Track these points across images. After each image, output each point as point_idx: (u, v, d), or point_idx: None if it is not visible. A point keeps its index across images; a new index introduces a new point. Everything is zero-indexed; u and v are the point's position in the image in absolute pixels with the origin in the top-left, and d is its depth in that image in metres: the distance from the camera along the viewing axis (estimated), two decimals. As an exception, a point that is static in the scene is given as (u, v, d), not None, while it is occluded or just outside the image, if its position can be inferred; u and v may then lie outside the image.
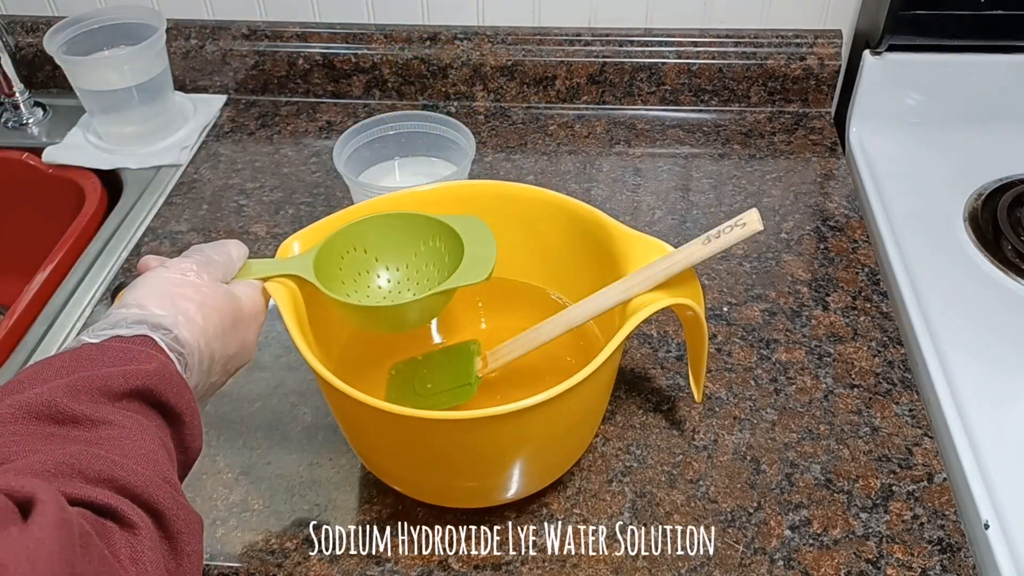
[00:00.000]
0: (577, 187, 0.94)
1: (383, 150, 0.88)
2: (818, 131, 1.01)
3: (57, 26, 0.96)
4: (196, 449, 0.48)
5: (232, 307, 0.54)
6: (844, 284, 0.81)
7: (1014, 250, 0.83)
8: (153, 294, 0.51)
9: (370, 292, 0.63)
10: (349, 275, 0.63)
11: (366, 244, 0.63)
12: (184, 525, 0.42)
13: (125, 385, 0.43)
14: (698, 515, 0.63)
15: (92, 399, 0.43)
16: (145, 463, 0.41)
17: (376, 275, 0.64)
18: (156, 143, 1.01)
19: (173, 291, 0.52)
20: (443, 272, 0.62)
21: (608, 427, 0.69)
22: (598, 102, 1.06)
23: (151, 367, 0.45)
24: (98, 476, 0.39)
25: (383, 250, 0.64)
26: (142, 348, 0.47)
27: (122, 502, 0.39)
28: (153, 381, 0.45)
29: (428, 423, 0.53)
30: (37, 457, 0.39)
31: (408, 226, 0.63)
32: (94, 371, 0.44)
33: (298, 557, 0.62)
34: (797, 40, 1.01)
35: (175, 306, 0.51)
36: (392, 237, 0.63)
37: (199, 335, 0.51)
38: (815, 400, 0.71)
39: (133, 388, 0.44)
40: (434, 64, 1.04)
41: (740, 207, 0.91)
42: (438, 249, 0.63)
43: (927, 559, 0.60)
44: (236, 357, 0.56)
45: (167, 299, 0.51)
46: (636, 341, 0.77)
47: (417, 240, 0.63)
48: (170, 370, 0.46)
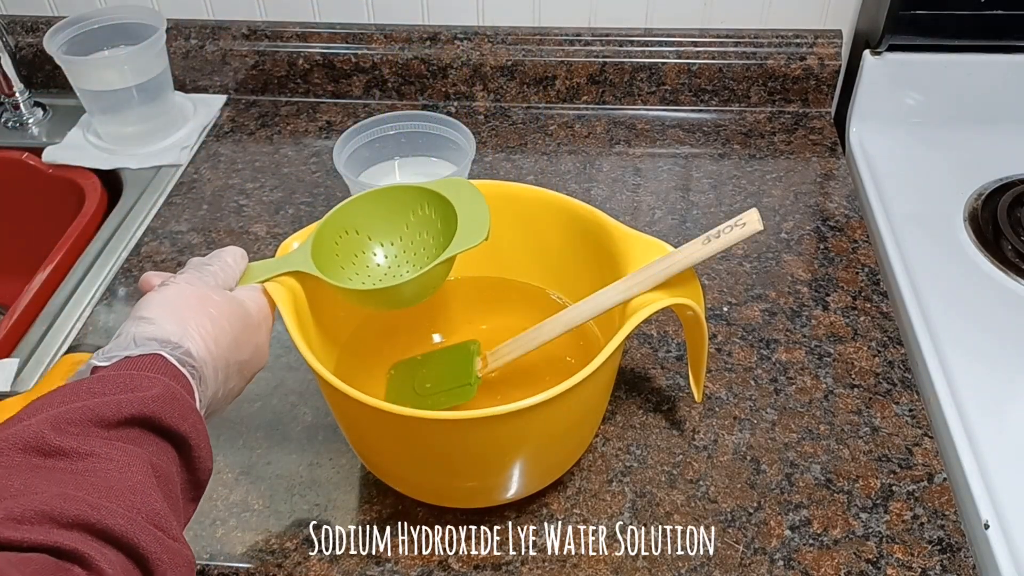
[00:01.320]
0: (577, 187, 0.94)
1: (383, 150, 0.88)
2: (818, 131, 1.01)
3: (57, 26, 0.96)
4: (207, 470, 0.48)
5: (240, 313, 0.54)
6: (844, 284, 0.81)
7: (1014, 250, 0.83)
8: (161, 309, 0.51)
9: (371, 271, 0.63)
10: (347, 258, 0.63)
11: (356, 225, 0.63)
12: (169, 566, 0.41)
13: (119, 414, 0.43)
14: (698, 515, 0.63)
15: (82, 430, 0.42)
16: (129, 500, 0.41)
17: (372, 253, 0.64)
18: (156, 143, 1.01)
19: (180, 304, 0.52)
20: (439, 239, 0.62)
21: (608, 427, 0.69)
22: (598, 102, 1.06)
23: (152, 393, 0.45)
24: (71, 520, 0.39)
25: (374, 228, 0.63)
26: (147, 373, 0.46)
27: (91, 546, 0.38)
28: (153, 407, 0.44)
29: (428, 423, 0.53)
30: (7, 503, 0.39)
31: (393, 200, 0.63)
32: (88, 401, 0.43)
33: (298, 557, 0.62)
34: (797, 40, 1.01)
35: (184, 319, 0.51)
36: (379, 214, 0.63)
37: (211, 345, 0.51)
38: (815, 400, 0.71)
39: (129, 416, 0.43)
40: (434, 64, 1.04)
41: (740, 207, 0.91)
42: (429, 216, 0.62)
43: (927, 559, 0.60)
44: (251, 362, 0.56)
45: (175, 313, 0.51)
46: (636, 341, 0.77)
47: (406, 211, 0.63)
48: (173, 393, 0.46)
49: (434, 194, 0.61)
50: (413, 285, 0.58)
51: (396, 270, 0.63)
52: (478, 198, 0.59)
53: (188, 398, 0.47)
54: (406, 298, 0.60)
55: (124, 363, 0.47)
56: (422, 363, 0.67)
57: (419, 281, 0.58)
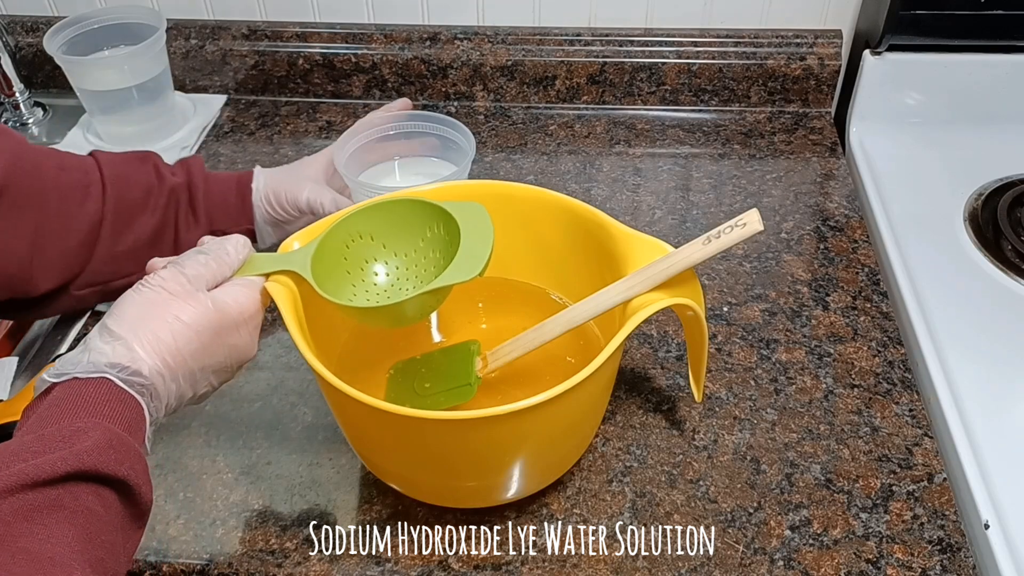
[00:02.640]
0: (577, 187, 0.94)
1: (383, 150, 0.88)
2: (818, 131, 1.01)
3: (57, 26, 0.97)
4: (147, 502, 0.50)
5: (211, 318, 0.55)
6: (844, 284, 0.81)
7: (1014, 250, 0.83)
8: (122, 318, 0.53)
9: (376, 280, 0.63)
10: (355, 264, 0.63)
11: (372, 230, 0.63)
12: None
13: (56, 472, 0.45)
14: (698, 515, 0.63)
15: (11, 504, 0.43)
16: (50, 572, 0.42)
17: (384, 262, 0.63)
18: (156, 143, 1.01)
19: (144, 312, 0.53)
20: (447, 260, 0.61)
21: (608, 427, 0.70)
22: (598, 102, 1.06)
23: (88, 444, 0.46)
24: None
25: (390, 236, 0.63)
26: (86, 418, 0.48)
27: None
28: (90, 461, 0.46)
29: (428, 423, 0.53)
30: None
31: (414, 213, 0.62)
32: (26, 464, 0.45)
33: (298, 557, 0.62)
34: (797, 40, 1.01)
35: (141, 330, 0.52)
36: (398, 223, 0.63)
37: (168, 358, 0.53)
38: (815, 400, 0.71)
39: (66, 473, 0.45)
40: (434, 64, 1.04)
41: (740, 207, 0.91)
42: (442, 236, 0.62)
43: (927, 559, 0.60)
44: (226, 362, 0.57)
45: (135, 322, 0.52)
46: (636, 341, 0.77)
47: (423, 227, 0.62)
48: (111, 440, 0.47)
49: (451, 217, 0.60)
50: (400, 308, 0.58)
51: (399, 285, 0.63)
52: (487, 233, 0.59)
53: (127, 439, 0.49)
54: (393, 319, 0.60)
55: (72, 385, 0.50)
56: (422, 363, 0.67)
57: (406, 304, 0.58)
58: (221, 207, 0.76)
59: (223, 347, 0.56)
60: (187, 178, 0.76)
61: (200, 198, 0.75)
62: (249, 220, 0.77)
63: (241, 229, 0.76)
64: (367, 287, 0.63)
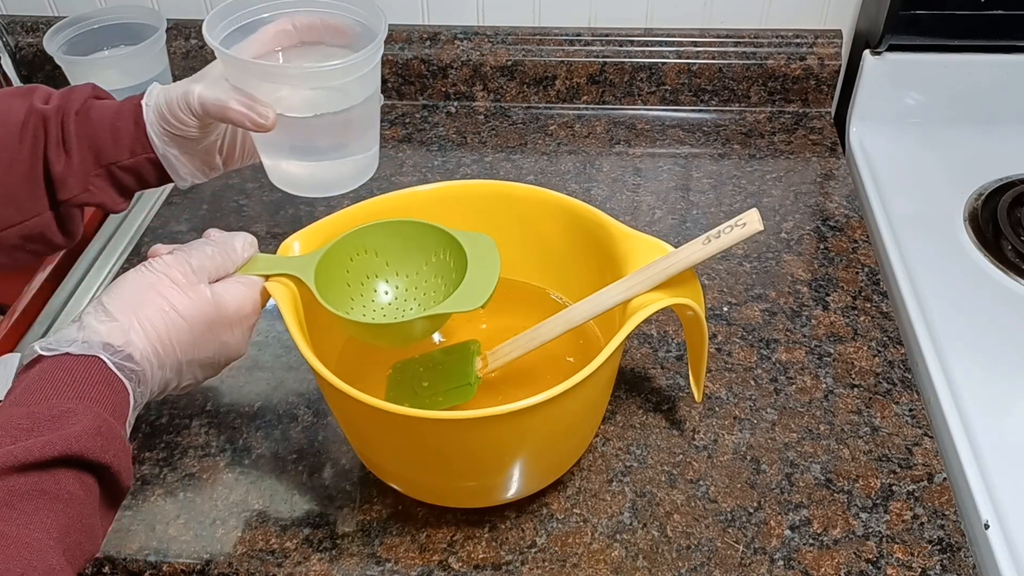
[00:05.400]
0: (577, 187, 0.94)
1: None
2: (818, 131, 1.01)
3: (57, 26, 0.97)
4: (126, 486, 0.51)
5: (207, 312, 0.55)
6: (844, 284, 0.81)
7: (1014, 250, 0.83)
8: (120, 299, 0.53)
9: (375, 297, 0.63)
10: (356, 277, 0.63)
11: (378, 247, 0.63)
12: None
13: (44, 455, 0.45)
14: (698, 515, 0.63)
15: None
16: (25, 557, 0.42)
17: (385, 280, 0.64)
18: (156, 143, 1.01)
19: (142, 296, 0.53)
20: (448, 288, 0.62)
21: (608, 427, 0.69)
22: (598, 102, 1.06)
23: (77, 429, 0.46)
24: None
25: (395, 255, 0.63)
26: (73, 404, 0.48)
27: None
28: (78, 446, 0.46)
29: (428, 423, 0.53)
30: None
31: (421, 235, 0.63)
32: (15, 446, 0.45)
33: (298, 557, 0.62)
34: (797, 40, 1.01)
35: (137, 314, 0.52)
36: (406, 244, 0.63)
37: (159, 346, 0.53)
38: (815, 400, 0.71)
39: (54, 457, 0.45)
40: (434, 64, 1.04)
41: (740, 207, 0.91)
42: (447, 263, 0.62)
43: (927, 559, 0.60)
44: (215, 359, 0.57)
45: (132, 306, 0.52)
46: (636, 341, 0.77)
47: (429, 251, 0.63)
48: (99, 426, 0.48)
49: (459, 244, 0.61)
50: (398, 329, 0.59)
51: (401, 305, 0.63)
52: (494, 265, 0.59)
53: (114, 425, 0.49)
54: (390, 339, 0.60)
55: (63, 360, 0.49)
56: (422, 363, 0.67)
57: (404, 326, 0.58)
58: (105, 135, 0.63)
59: (214, 342, 0.56)
60: (60, 104, 0.63)
61: (72, 126, 0.62)
62: (146, 147, 0.64)
63: (139, 159, 0.64)
64: (365, 302, 0.63)
